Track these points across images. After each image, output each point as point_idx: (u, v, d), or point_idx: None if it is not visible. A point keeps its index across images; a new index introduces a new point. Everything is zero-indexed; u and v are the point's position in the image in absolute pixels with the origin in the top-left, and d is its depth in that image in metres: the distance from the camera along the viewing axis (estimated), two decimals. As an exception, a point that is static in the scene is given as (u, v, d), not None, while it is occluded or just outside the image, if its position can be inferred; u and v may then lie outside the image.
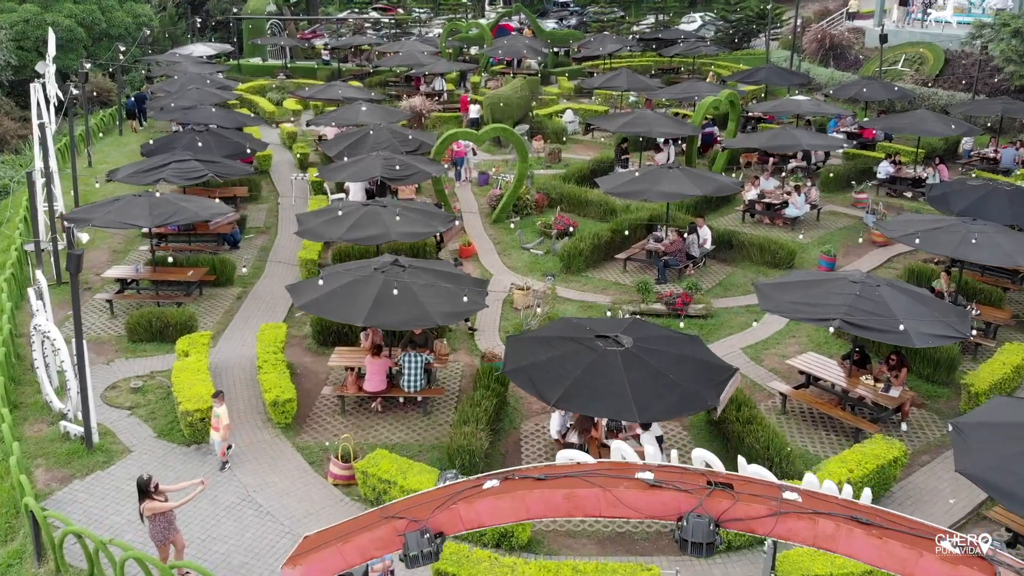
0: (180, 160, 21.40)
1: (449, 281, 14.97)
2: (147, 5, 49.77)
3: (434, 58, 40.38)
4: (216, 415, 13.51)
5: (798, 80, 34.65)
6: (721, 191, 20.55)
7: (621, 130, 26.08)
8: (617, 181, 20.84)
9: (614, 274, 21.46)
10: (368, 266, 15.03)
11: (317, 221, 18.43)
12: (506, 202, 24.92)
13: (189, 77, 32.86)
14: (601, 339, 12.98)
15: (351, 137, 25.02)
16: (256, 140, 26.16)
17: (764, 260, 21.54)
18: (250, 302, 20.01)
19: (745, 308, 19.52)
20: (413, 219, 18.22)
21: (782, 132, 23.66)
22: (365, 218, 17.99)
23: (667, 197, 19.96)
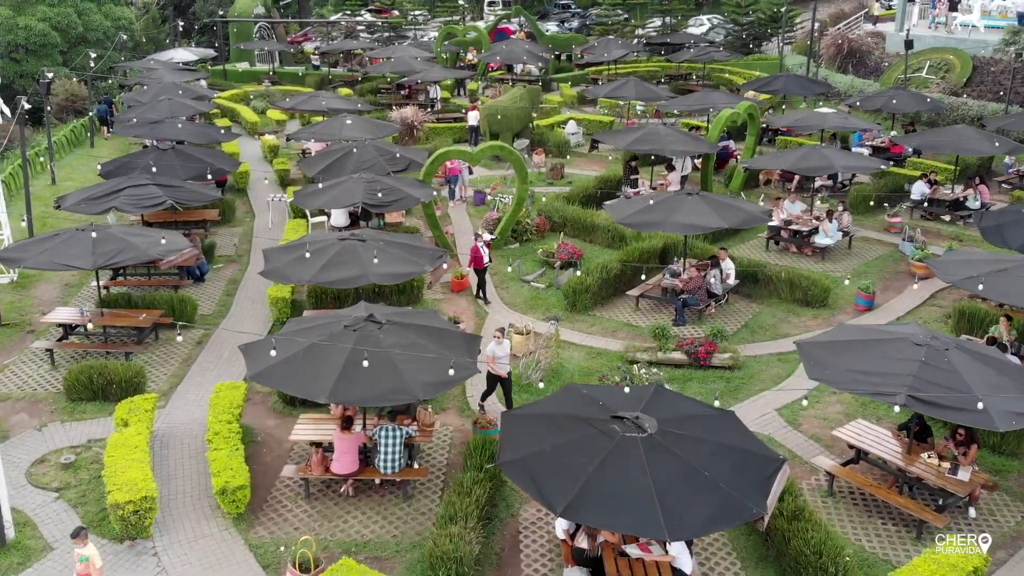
0: (136, 185, 18.98)
1: (435, 340, 12.53)
2: (128, 8, 47.27)
3: (428, 64, 37.94)
4: (81, 559, 10.25)
5: (818, 89, 32.20)
6: (748, 223, 18.12)
7: (630, 147, 23.67)
8: (628, 209, 18.41)
9: (625, 313, 19.03)
10: (338, 321, 12.60)
11: (286, 259, 16.01)
12: (504, 227, 22.49)
13: (163, 87, 30.39)
14: (618, 421, 10.59)
15: (332, 155, 22.60)
16: (228, 159, 23.70)
17: (795, 298, 19.12)
18: (212, 348, 17.59)
19: (776, 357, 17.10)
20: (395, 256, 15.81)
21: (812, 152, 21.19)
22: (340, 256, 15.61)
23: (686, 229, 17.54)
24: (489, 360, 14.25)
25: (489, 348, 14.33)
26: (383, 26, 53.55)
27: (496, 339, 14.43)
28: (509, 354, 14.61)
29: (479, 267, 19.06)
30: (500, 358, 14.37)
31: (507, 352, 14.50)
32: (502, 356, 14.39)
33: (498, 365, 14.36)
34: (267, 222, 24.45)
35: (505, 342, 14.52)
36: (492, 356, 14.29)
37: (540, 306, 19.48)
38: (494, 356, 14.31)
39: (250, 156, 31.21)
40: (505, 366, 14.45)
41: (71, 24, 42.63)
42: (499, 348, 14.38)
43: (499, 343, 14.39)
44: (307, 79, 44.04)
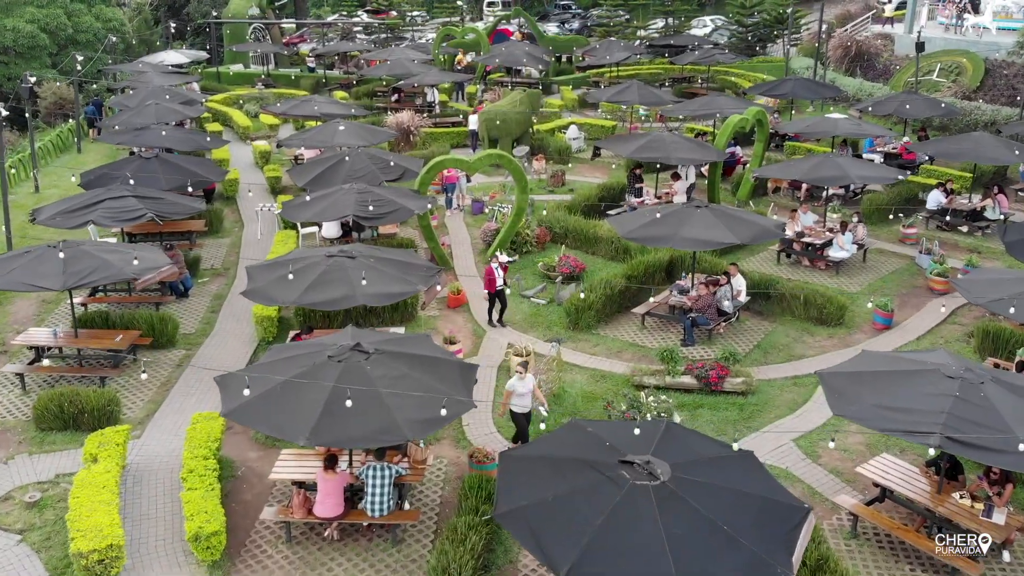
0: (115, 197, 18.00)
1: (428, 371, 11.55)
2: (119, 9, 46.28)
3: (426, 67, 36.95)
4: None
5: (828, 93, 31.19)
6: (761, 237, 17.13)
7: (635, 155, 22.67)
8: (634, 223, 17.43)
9: (631, 332, 18.05)
10: (321, 351, 11.61)
11: (269, 277, 15.02)
12: (502, 239, 21.51)
13: (150, 91, 29.40)
14: (627, 466, 9.63)
15: (324, 163, 21.63)
16: (215, 168, 22.69)
17: (809, 315, 18.14)
18: (193, 371, 16.60)
19: (791, 380, 16.13)
20: (386, 275, 14.83)
21: (825, 161, 20.18)
22: (327, 275, 14.64)
23: (696, 245, 16.56)
24: (507, 396, 13.21)
25: (509, 383, 13.27)
26: (380, 27, 52.58)
27: (518, 374, 13.26)
28: (532, 390, 13.34)
29: (491, 290, 17.88)
30: (521, 395, 13.19)
31: (529, 389, 13.25)
32: (523, 392, 13.18)
33: (518, 401, 13.21)
34: (256, 232, 23.47)
35: (528, 377, 13.31)
36: (511, 391, 13.18)
37: (541, 323, 18.51)
38: (514, 391, 13.18)
39: (241, 162, 30.27)
40: (526, 404, 13.26)
41: (60, 26, 41.74)
42: (520, 383, 13.20)
43: (521, 378, 13.19)
44: (302, 82, 43.07)
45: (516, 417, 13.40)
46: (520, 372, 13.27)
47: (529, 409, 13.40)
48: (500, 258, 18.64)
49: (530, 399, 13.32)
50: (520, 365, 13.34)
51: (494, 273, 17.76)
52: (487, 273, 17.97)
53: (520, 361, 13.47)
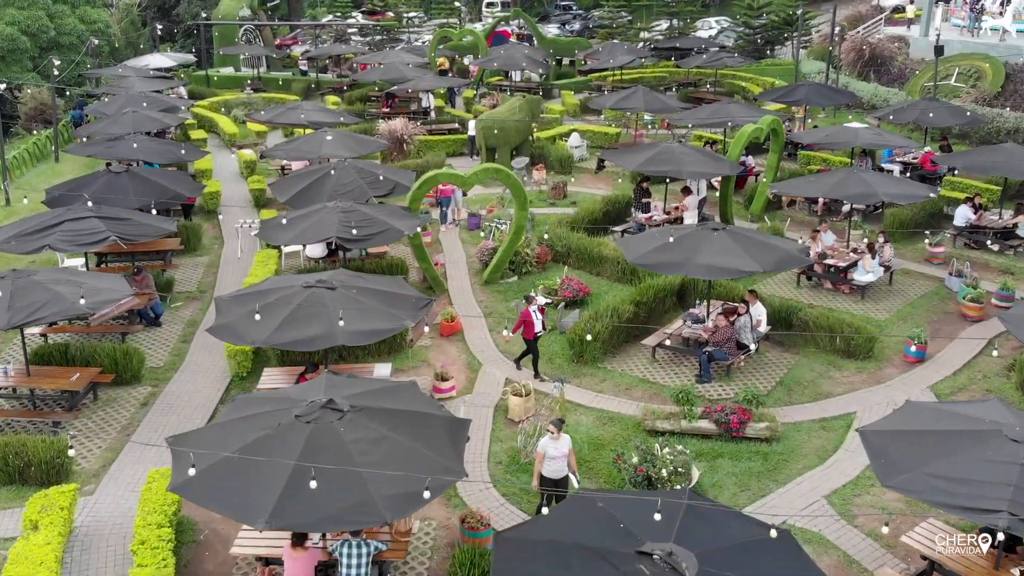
0: (76, 218, 16.46)
1: (412, 431, 9.99)
2: (104, 11, 44.68)
3: (421, 71, 35.36)
4: None
5: (843, 99, 29.60)
6: (784, 264, 15.56)
7: (643, 168, 21.11)
8: (644, 246, 15.87)
9: (640, 365, 16.49)
10: (288, 408, 10.06)
11: (240, 312, 13.47)
12: (499, 260, 19.99)
13: (128, 98, 27.83)
14: (645, 558, 8.12)
15: (307, 177, 20.09)
16: (190, 182, 21.07)
17: (835, 347, 16.59)
18: (158, 412, 15.05)
19: (819, 424, 14.58)
20: (368, 310, 13.29)
21: (850, 177, 18.60)
22: (303, 309, 13.11)
23: (713, 273, 15.00)
24: (539, 458, 11.54)
25: (541, 443, 11.60)
26: (375, 29, 51.03)
27: (550, 434, 11.50)
28: (567, 454, 11.62)
29: (529, 336, 15.63)
30: (554, 458, 11.46)
31: (564, 452, 11.52)
32: (556, 456, 11.49)
33: (550, 465, 11.51)
34: (236, 250, 21.92)
35: (563, 438, 11.55)
36: (543, 454, 11.49)
37: (543, 354, 16.91)
38: (545, 454, 11.48)
39: (225, 172, 28.72)
40: (559, 469, 11.53)
41: (42, 28, 40.11)
42: (553, 445, 11.46)
43: (554, 438, 11.44)
44: (293, 85, 41.49)
45: (546, 483, 11.60)
46: (553, 432, 11.48)
47: (564, 475, 11.62)
48: (537, 300, 16.01)
49: (564, 464, 11.56)
50: (554, 424, 11.62)
51: (531, 317, 15.46)
52: (523, 316, 15.57)
53: (555, 420, 11.75)
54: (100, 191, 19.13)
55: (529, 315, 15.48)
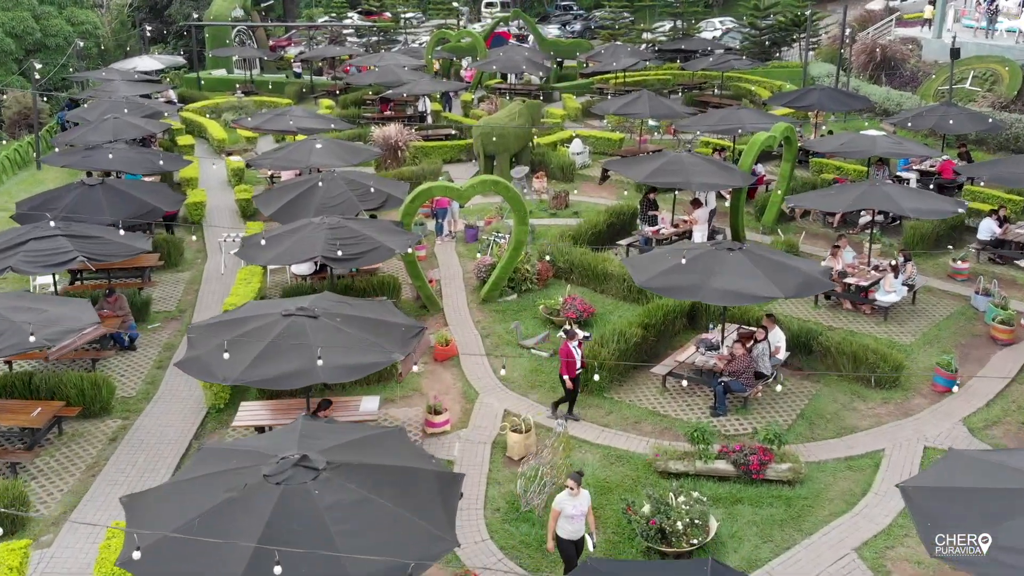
0: (42, 236, 15.28)
1: (396, 493, 8.79)
2: (91, 12, 43.49)
3: (417, 74, 34.16)
4: None
5: (856, 104, 28.38)
6: (808, 289, 14.34)
7: (650, 180, 19.90)
8: (653, 267, 14.67)
9: (649, 395, 15.29)
10: (256, 465, 8.86)
11: (212, 343, 12.29)
12: (498, 277, 18.82)
13: (111, 103, 26.62)
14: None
15: (293, 189, 18.91)
16: (169, 195, 19.81)
17: (859, 376, 15.41)
18: (127, 450, 13.86)
19: (845, 462, 13.39)
20: (352, 341, 12.11)
21: (872, 191, 17.37)
22: (281, 341, 11.93)
23: (730, 299, 13.80)
24: (554, 516, 10.28)
25: (557, 500, 10.36)
26: (372, 30, 49.86)
27: (569, 489, 10.29)
28: (587, 512, 10.39)
29: (571, 375, 13.89)
30: (571, 516, 10.23)
31: (583, 510, 10.31)
32: (574, 514, 10.26)
33: (566, 525, 10.29)
34: (219, 265, 20.73)
35: (583, 495, 10.34)
36: (559, 511, 10.24)
37: (544, 382, 15.76)
38: (562, 511, 10.24)
39: (213, 180, 27.54)
40: (577, 529, 10.31)
41: (27, 30, 39.01)
42: (571, 502, 10.26)
43: (572, 494, 10.31)
44: (286, 88, 40.32)
45: (563, 545, 10.40)
46: (572, 487, 10.27)
47: (581, 536, 10.39)
48: (577, 333, 14.25)
49: (582, 523, 10.34)
50: (572, 478, 10.34)
51: (573, 354, 13.75)
52: (563, 352, 13.82)
53: (574, 474, 10.52)
54: (73, 205, 17.99)
55: (570, 352, 13.74)
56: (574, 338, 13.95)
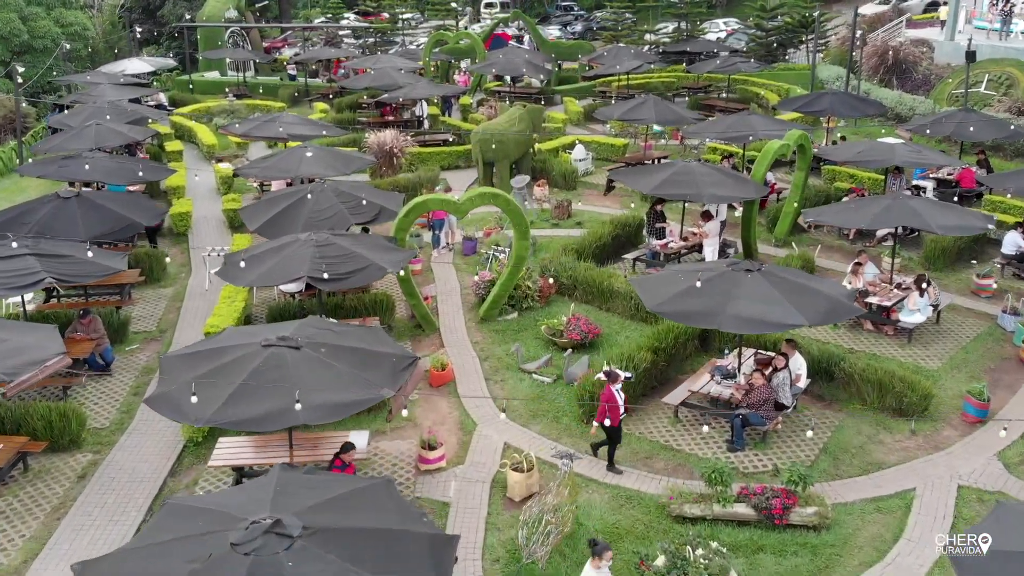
0: (8, 256, 14.22)
1: (383, 567, 7.75)
2: (81, 12, 42.41)
3: (414, 77, 33.08)
4: None
5: (870, 110, 27.29)
6: (835, 315, 13.23)
7: (658, 192, 18.84)
8: (665, 290, 13.61)
9: (661, 427, 14.23)
10: (223, 530, 7.82)
11: (185, 377, 11.22)
12: (497, 295, 17.77)
13: (94, 109, 25.55)
14: None
15: (281, 202, 17.85)
16: (149, 209, 18.70)
17: (885, 404, 14.36)
18: (96, 489, 12.80)
19: (873, 503, 12.34)
20: (337, 376, 11.07)
21: (896, 206, 16.24)
22: (259, 377, 10.86)
23: (751, 327, 12.75)
24: None
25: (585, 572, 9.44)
26: (368, 31, 48.80)
27: (593, 565, 9.35)
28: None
29: (614, 422, 12.45)
30: None
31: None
32: None
33: None
34: (203, 281, 19.67)
35: (604, 568, 9.39)
36: None
37: (547, 412, 14.71)
38: None
39: (201, 188, 26.45)
40: None
41: (14, 31, 37.93)
42: None
43: (595, 567, 9.31)
44: (280, 91, 39.27)
45: None
46: (598, 564, 9.32)
47: None
48: (619, 374, 12.78)
49: None
50: (596, 552, 9.30)
51: (615, 399, 12.38)
52: (604, 397, 12.42)
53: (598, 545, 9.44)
54: (47, 220, 16.93)
55: (612, 396, 12.38)
56: (616, 380, 12.58)
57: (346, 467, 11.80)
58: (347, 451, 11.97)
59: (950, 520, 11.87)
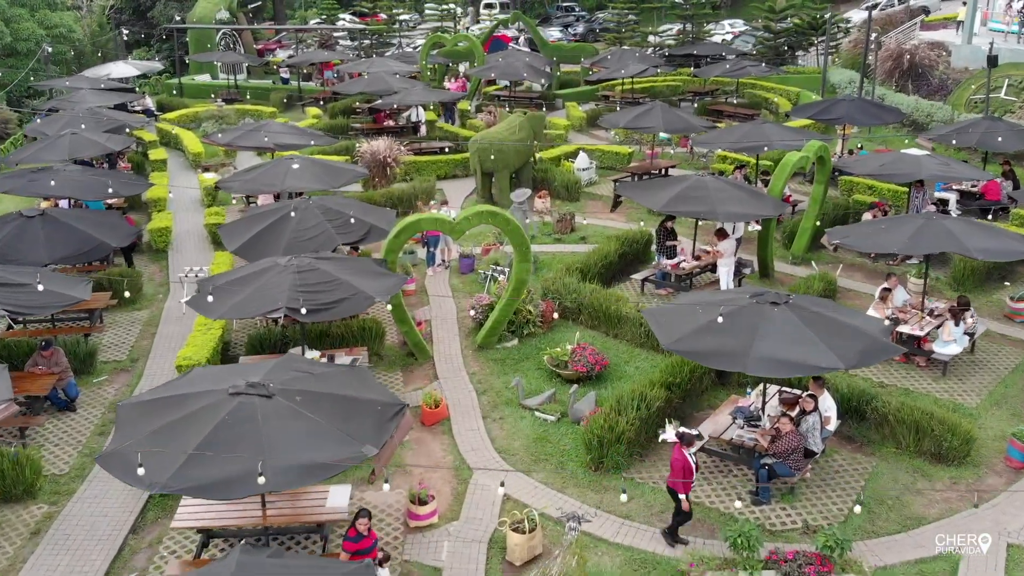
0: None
1: None
2: (67, 14, 41.07)
3: (410, 82, 31.71)
4: None
5: (891, 118, 25.91)
6: (871, 357, 11.80)
7: (669, 209, 17.50)
8: (683, 325, 12.25)
9: (675, 473, 12.91)
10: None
11: (142, 431, 9.89)
12: (496, 321, 16.46)
13: (71, 116, 24.19)
14: None
15: (262, 220, 16.51)
16: (120, 228, 17.28)
17: (922, 448, 13.04)
18: (48, 550, 11.46)
19: (916, 569, 11.02)
20: (314, 431, 9.72)
21: (929, 226, 14.85)
22: (225, 430, 9.54)
23: (781, 369, 11.42)
24: None
25: None
26: (363, 33, 47.45)
27: None
28: None
29: (686, 489, 11.01)
30: None
31: None
32: None
33: None
34: (180, 305, 18.32)
35: None
36: None
37: (551, 456, 13.38)
38: None
39: (187, 200, 25.08)
40: None
41: (-4, 33, 36.63)
42: None
43: None
44: (272, 96, 37.93)
45: None
46: None
47: None
48: (693, 435, 11.26)
49: None
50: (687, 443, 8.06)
51: (688, 463, 10.96)
52: (675, 459, 10.99)
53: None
54: (9, 241, 15.61)
55: (685, 460, 10.94)
56: (691, 444, 11.13)
57: (360, 538, 10.38)
58: (362, 517, 10.52)
59: (1002, 587, 10.59)
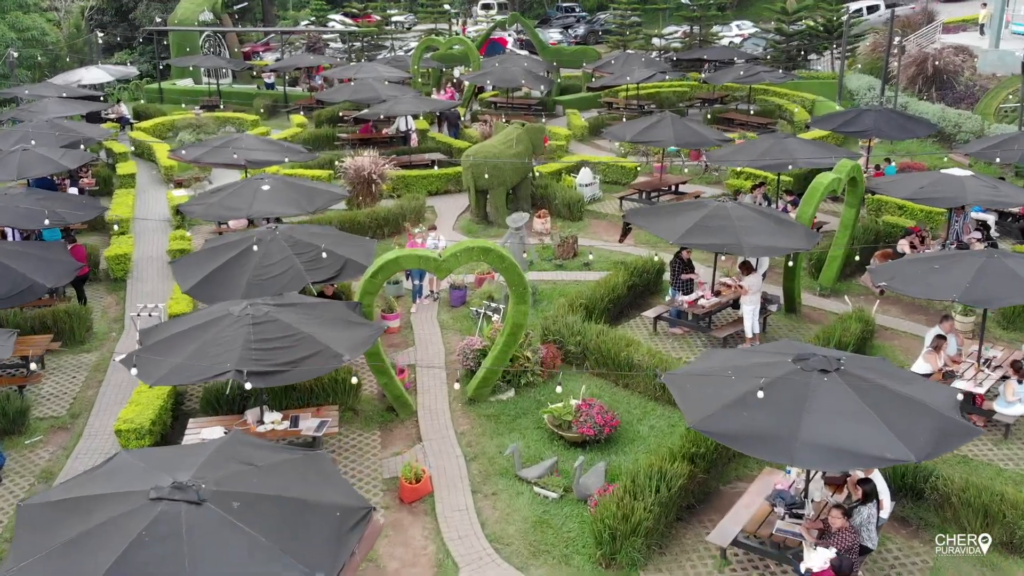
0: None
1: None
2: (40, 16, 38.92)
3: (400, 89, 29.58)
4: None
5: (922, 131, 23.76)
6: (947, 444, 9.59)
7: (687, 241, 15.28)
8: (713, 399, 10.04)
9: (703, 571, 10.79)
10: None
11: (48, 546, 7.81)
12: (489, 372, 14.35)
13: (23, 131, 22.02)
14: None
15: (218, 255, 14.37)
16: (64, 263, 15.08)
17: (994, 536, 10.94)
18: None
19: None
20: (254, 550, 7.63)
21: (992, 265, 12.75)
22: (140, 551, 7.51)
23: (839, 462, 9.18)
24: None
25: None
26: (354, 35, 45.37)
27: None
28: None
29: None
30: None
31: None
32: None
33: None
34: (133, 346, 16.21)
35: None
36: None
37: (553, 546, 11.24)
38: None
39: (157, 220, 22.95)
40: None
41: (-36, 36, 34.51)
42: None
43: None
44: (255, 102, 35.82)
45: None
46: None
47: None
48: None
49: None
50: None
51: None
52: None
53: None
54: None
55: None
56: None
57: None
58: None
59: None
